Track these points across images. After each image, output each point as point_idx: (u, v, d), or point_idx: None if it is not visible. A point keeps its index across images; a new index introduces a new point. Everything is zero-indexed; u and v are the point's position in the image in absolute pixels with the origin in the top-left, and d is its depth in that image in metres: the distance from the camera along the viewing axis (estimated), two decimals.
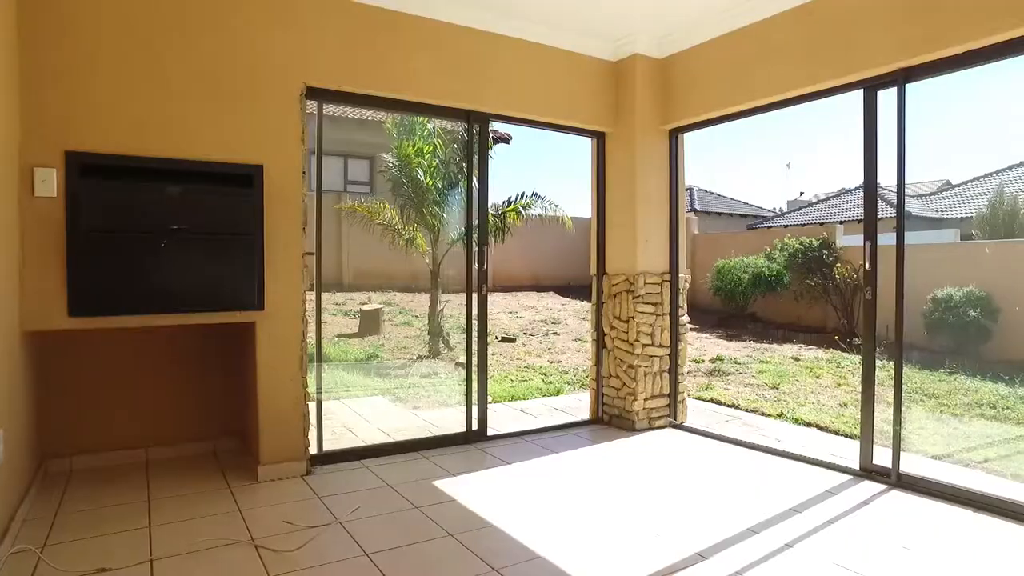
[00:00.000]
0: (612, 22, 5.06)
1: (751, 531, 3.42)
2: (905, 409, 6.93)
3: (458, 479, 4.23)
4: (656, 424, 5.54)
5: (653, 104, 5.49)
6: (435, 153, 10.25)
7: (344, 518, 3.53)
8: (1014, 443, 5.94)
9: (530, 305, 13.86)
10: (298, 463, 4.24)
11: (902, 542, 3.26)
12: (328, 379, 7.94)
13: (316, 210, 4.57)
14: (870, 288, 4.31)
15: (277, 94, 4.15)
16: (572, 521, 3.55)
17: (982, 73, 14.32)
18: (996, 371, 8.14)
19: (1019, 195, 14.30)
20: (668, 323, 5.57)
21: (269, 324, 4.12)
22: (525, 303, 14.04)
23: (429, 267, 10.46)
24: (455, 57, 4.80)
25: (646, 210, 5.48)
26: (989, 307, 9.51)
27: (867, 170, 4.30)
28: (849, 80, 4.27)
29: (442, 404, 6.98)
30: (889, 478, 4.13)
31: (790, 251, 12.56)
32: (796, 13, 4.47)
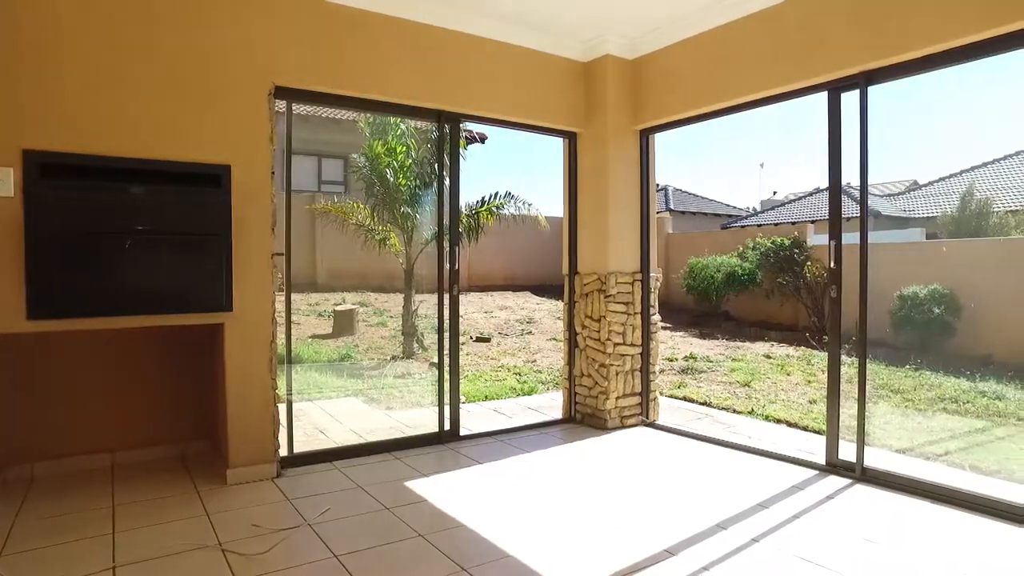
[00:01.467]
0: (583, 23, 5.09)
1: (719, 527, 3.46)
2: (872, 405, 7.12)
3: (430, 480, 4.23)
4: (628, 423, 5.58)
5: (624, 104, 5.53)
6: (408, 153, 10.20)
7: (314, 520, 3.51)
8: (973, 436, 6.09)
9: (505, 305, 13.87)
10: (268, 465, 4.20)
11: (864, 535, 3.33)
12: (301, 380, 7.87)
13: (286, 210, 4.52)
14: (835, 287, 4.38)
15: (245, 93, 4.11)
16: (543, 520, 3.57)
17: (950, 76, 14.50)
18: (958, 366, 8.35)
19: (986, 195, 14.67)
20: (639, 322, 5.62)
21: (238, 326, 4.07)
22: (500, 303, 14.05)
23: (403, 267, 10.42)
24: (426, 57, 4.79)
25: (617, 210, 5.52)
26: (953, 304, 9.74)
27: (832, 171, 4.38)
28: (814, 82, 4.34)
29: (415, 404, 6.96)
30: (854, 472, 4.21)
31: (762, 250, 12.73)
32: (763, 16, 4.54)
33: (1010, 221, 13.64)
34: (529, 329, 11.79)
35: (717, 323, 12.87)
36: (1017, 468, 4.96)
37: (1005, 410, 6.75)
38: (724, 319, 13.14)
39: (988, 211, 14.19)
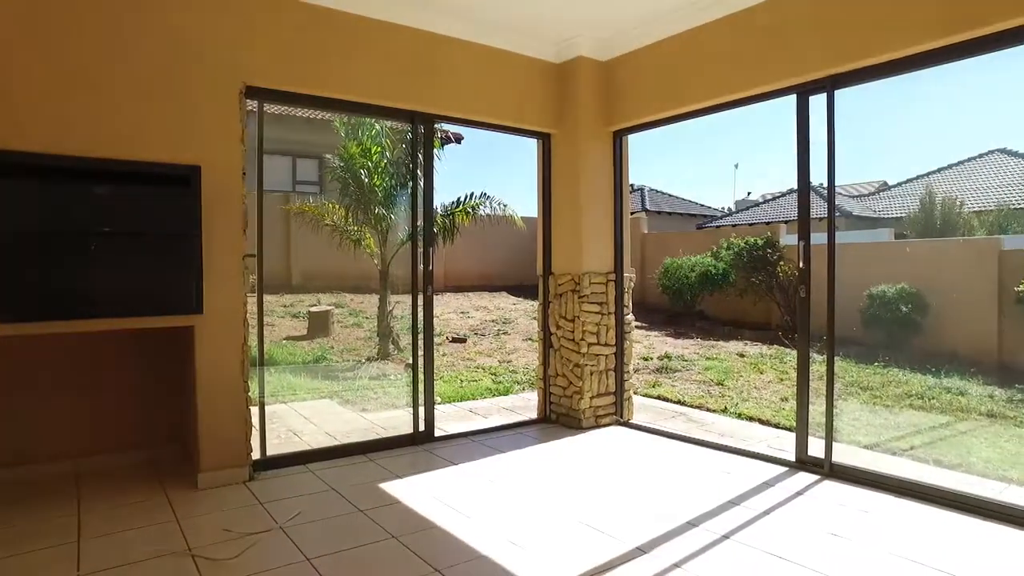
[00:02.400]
0: (556, 24, 5.11)
1: (691, 524, 3.50)
2: (842, 402, 7.25)
3: (404, 481, 4.22)
4: (603, 422, 5.62)
5: (597, 106, 5.57)
6: (383, 153, 10.15)
7: (286, 523, 3.48)
8: (937, 431, 6.25)
9: (481, 305, 13.87)
10: (240, 469, 4.15)
11: (830, 529, 3.39)
12: (275, 382, 7.80)
13: (257, 211, 4.48)
14: (804, 287, 4.46)
15: (215, 93, 4.06)
16: (517, 520, 3.58)
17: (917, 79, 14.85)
18: (925, 363, 8.54)
19: (949, 196, 15.00)
20: (613, 322, 5.66)
21: (209, 328, 4.02)
22: (476, 303, 14.04)
23: (378, 268, 10.36)
24: (400, 58, 4.78)
25: (591, 211, 5.55)
26: (919, 303, 9.95)
27: (800, 173, 4.45)
28: (782, 85, 4.42)
29: (391, 406, 6.93)
30: (823, 468, 4.29)
31: (736, 250, 12.87)
32: (732, 20, 4.60)
33: (973, 221, 13.97)
34: (505, 329, 11.80)
35: (692, 322, 12.99)
36: (977, 461, 5.09)
37: (967, 405, 6.93)
38: (699, 318, 13.26)
39: (953, 211, 14.51)
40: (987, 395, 7.28)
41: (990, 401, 7.05)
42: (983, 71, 26.92)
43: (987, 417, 6.59)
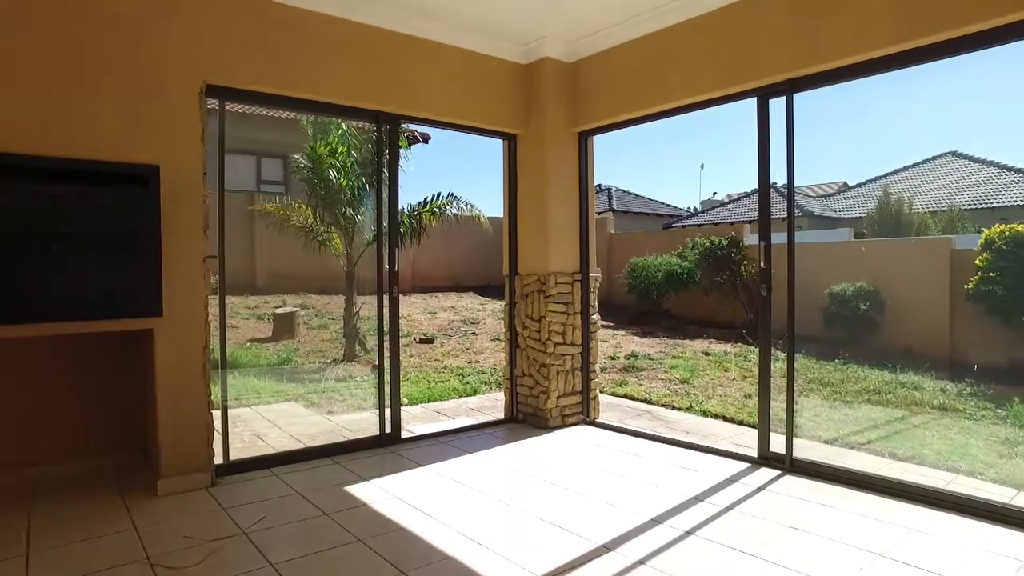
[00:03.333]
0: (522, 25, 5.13)
1: (655, 521, 3.55)
2: (803, 398, 7.41)
3: (370, 483, 4.19)
4: (569, 421, 5.66)
5: (563, 107, 5.60)
6: (350, 153, 10.06)
7: (249, 529, 3.43)
8: (893, 425, 6.44)
9: (449, 305, 13.83)
10: (202, 474, 4.08)
11: (790, 523, 3.47)
12: (238, 386, 7.67)
13: (219, 212, 4.41)
14: (765, 286, 4.55)
15: (174, 91, 3.98)
16: (483, 520, 3.59)
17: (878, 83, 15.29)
18: (882, 359, 8.77)
19: (907, 197, 15.43)
20: (579, 322, 5.70)
21: (169, 331, 3.94)
22: (444, 303, 14.00)
23: (344, 269, 10.26)
24: (365, 57, 4.74)
25: (557, 211, 5.58)
26: (877, 301, 10.23)
27: (761, 174, 4.54)
28: (743, 88, 4.50)
29: (357, 408, 6.87)
30: (784, 464, 4.38)
31: (701, 250, 13.06)
32: (695, 24, 4.67)
33: (928, 221, 14.40)
34: (472, 330, 11.79)
35: (658, 321, 13.14)
36: (929, 453, 5.26)
37: (921, 399, 7.15)
38: (665, 317, 13.43)
39: (908, 212, 14.93)
40: (939, 389, 7.52)
41: (942, 395, 7.29)
42: (937, 77, 27.81)
43: (939, 410, 6.82)
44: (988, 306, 8.92)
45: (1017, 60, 20.89)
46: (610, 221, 17.29)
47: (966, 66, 22.04)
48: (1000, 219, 10.29)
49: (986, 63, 24.54)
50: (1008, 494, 4.09)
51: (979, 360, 8.64)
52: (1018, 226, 8.80)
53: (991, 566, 2.98)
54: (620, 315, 13.76)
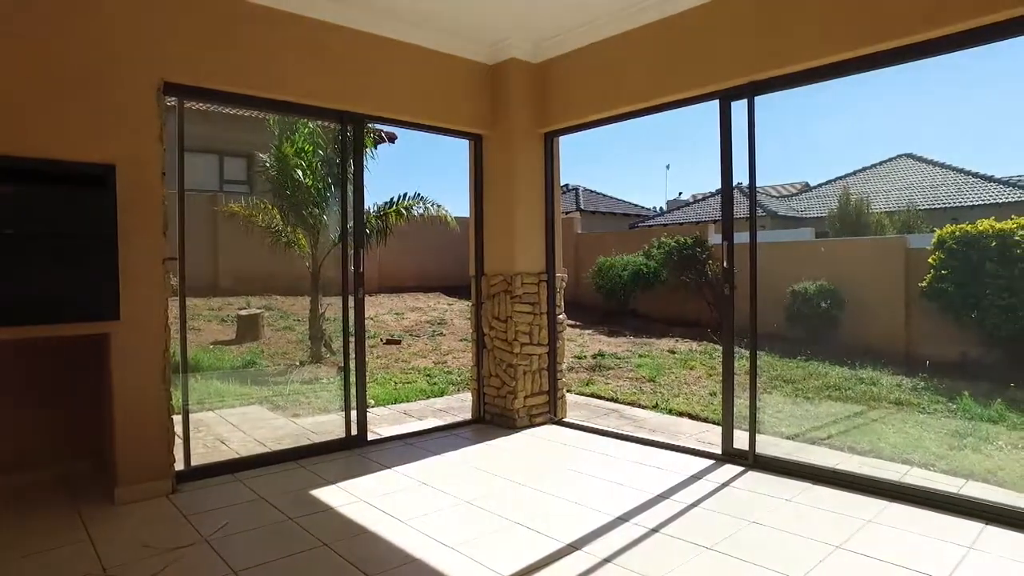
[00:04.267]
0: (487, 26, 5.13)
1: (621, 519, 3.58)
2: (766, 395, 7.55)
3: (336, 487, 4.14)
4: (537, 421, 5.68)
5: (529, 107, 5.61)
6: (316, 152, 9.93)
7: (211, 536, 3.37)
8: (852, 420, 6.61)
9: (416, 306, 13.75)
10: (162, 481, 3.98)
11: (753, 518, 3.54)
12: (201, 389, 7.51)
13: (178, 212, 4.31)
14: (728, 285, 4.62)
15: (131, 89, 3.88)
16: (450, 521, 3.58)
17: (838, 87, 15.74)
18: (842, 356, 8.99)
19: (862, 197, 15.83)
20: (546, 322, 5.72)
21: (126, 334, 3.84)
22: (411, 304, 13.91)
23: (310, 269, 10.13)
24: (329, 56, 4.69)
25: (523, 211, 5.60)
26: (837, 299, 10.48)
27: (724, 175, 4.62)
28: (706, 91, 4.57)
29: (323, 410, 6.80)
30: (747, 460, 4.46)
31: (666, 249, 13.21)
32: (659, 26, 4.72)
33: (884, 221, 14.80)
34: (440, 330, 11.74)
35: (625, 321, 13.26)
36: (886, 447, 5.42)
37: (879, 394, 7.36)
38: (632, 317, 13.55)
39: (868, 212, 15.33)
40: (895, 384, 7.75)
41: (898, 390, 7.51)
42: (893, 81, 28.61)
43: (895, 405, 7.02)
44: (940, 303, 9.21)
45: (965, 67, 21.62)
46: (577, 221, 17.38)
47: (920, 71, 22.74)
48: (951, 219, 10.62)
49: (938, 69, 25.34)
50: (957, 483, 4.24)
51: (932, 356, 8.91)
52: (967, 226, 9.10)
53: (939, 553, 3.09)
54: (587, 314, 13.84)
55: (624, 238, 16.54)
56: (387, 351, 10.17)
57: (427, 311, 13.34)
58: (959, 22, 3.40)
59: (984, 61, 26.79)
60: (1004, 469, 4.88)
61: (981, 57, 22.91)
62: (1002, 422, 6.19)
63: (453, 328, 11.93)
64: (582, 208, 22.53)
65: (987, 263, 8.67)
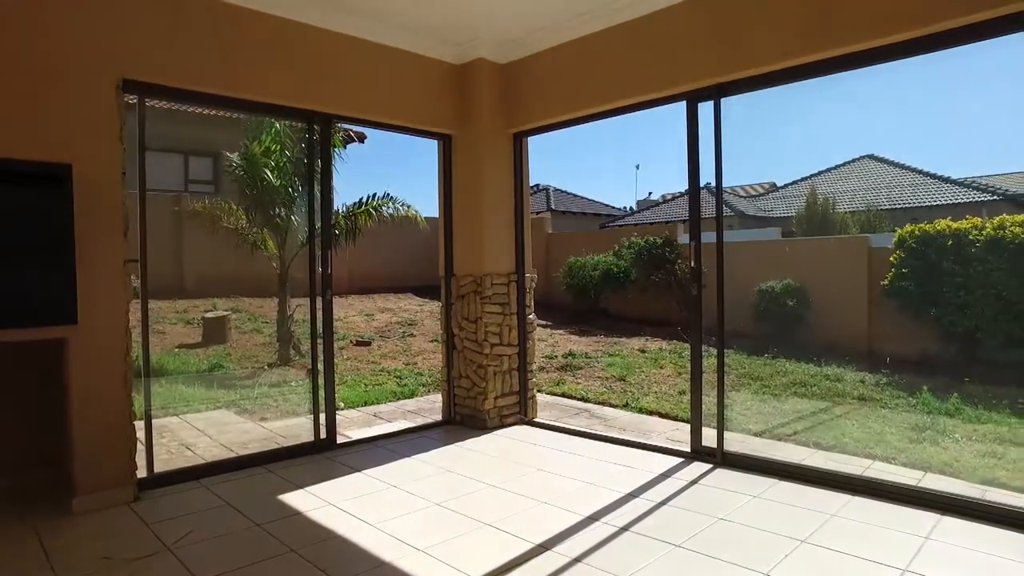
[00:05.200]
0: (455, 26, 5.11)
1: (591, 519, 3.60)
2: (734, 393, 7.66)
3: (304, 491, 4.09)
4: (507, 421, 5.68)
5: (497, 108, 5.61)
6: (283, 152, 9.80)
7: (174, 544, 3.30)
8: (817, 416, 6.74)
9: (387, 307, 13.65)
10: (123, 489, 3.88)
11: (721, 515, 3.58)
12: (165, 394, 7.36)
13: (140, 213, 4.21)
14: (696, 284, 4.68)
15: (88, 86, 3.78)
16: (420, 524, 3.56)
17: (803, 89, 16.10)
18: (808, 353, 9.17)
19: (827, 197, 16.16)
20: (516, 322, 5.73)
21: (85, 339, 3.74)
22: (382, 305, 13.81)
23: (277, 271, 9.99)
24: (296, 55, 4.62)
25: (492, 212, 5.59)
26: (803, 297, 10.68)
27: (691, 176, 4.66)
28: (674, 92, 4.62)
29: (291, 413, 6.71)
30: (715, 457, 4.52)
31: (636, 249, 13.32)
32: (627, 27, 4.75)
33: (848, 220, 15.12)
34: (411, 331, 11.68)
35: (595, 320, 13.33)
36: (850, 442, 5.53)
37: (843, 390, 7.52)
38: (602, 316, 13.63)
39: (832, 211, 15.64)
40: (859, 380, 7.92)
41: (861, 386, 7.68)
42: (856, 83, 29.26)
43: (858, 400, 7.18)
44: (901, 301, 9.45)
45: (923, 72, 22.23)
46: (548, 221, 17.43)
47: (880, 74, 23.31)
48: (911, 219, 10.90)
49: (899, 72, 25.99)
50: (917, 476, 4.36)
51: (893, 352, 9.14)
52: (926, 226, 9.35)
53: (898, 544, 3.18)
54: (558, 314, 13.89)
55: (594, 238, 16.63)
56: (357, 352, 10.08)
57: (398, 312, 13.25)
58: (914, 29, 3.50)
59: (940, 66, 27.57)
60: (959, 461, 5.03)
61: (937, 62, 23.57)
62: (958, 415, 6.38)
63: (424, 329, 11.87)
64: (553, 208, 22.60)
65: (944, 262, 8.92)
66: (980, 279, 8.55)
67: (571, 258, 14.20)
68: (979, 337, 8.58)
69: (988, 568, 2.95)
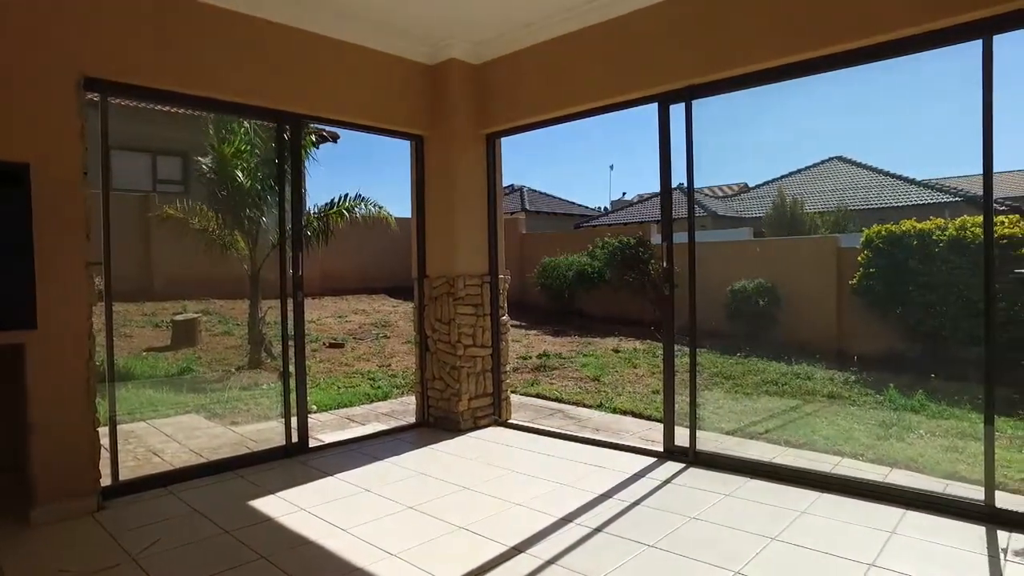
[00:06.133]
0: (428, 26, 5.07)
1: (565, 520, 3.60)
2: (707, 391, 7.73)
3: (275, 496, 4.03)
4: (481, 423, 5.66)
5: (470, 109, 5.58)
6: (254, 152, 9.65)
7: (139, 554, 3.22)
8: (788, 414, 6.84)
9: (360, 308, 13.53)
10: (86, 499, 3.78)
11: (693, 514, 3.61)
12: (132, 399, 7.20)
13: (103, 213, 4.10)
14: (668, 284, 4.70)
15: (48, 83, 3.67)
16: (393, 529, 3.52)
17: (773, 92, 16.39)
18: (779, 352, 9.29)
19: (797, 198, 16.42)
20: (489, 323, 5.71)
21: (45, 344, 3.64)
22: (355, 306, 13.68)
23: (248, 272, 9.84)
24: (266, 54, 4.55)
25: (465, 213, 5.57)
26: (774, 296, 10.82)
27: (663, 177, 4.69)
28: (646, 94, 4.64)
29: (263, 417, 6.60)
30: (688, 457, 4.55)
31: (610, 249, 13.38)
32: (600, 29, 4.76)
33: (817, 221, 15.39)
34: (384, 333, 11.58)
35: (570, 320, 13.36)
36: (819, 439, 5.62)
37: (813, 388, 7.64)
38: (577, 316, 13.67)
39: (802, 212, 15.91)
40: (828, 378, 8.05)
41: (830, 384, 7.81)
42: (824, 86, 29.81)
43: (828, 398, 7.30)
44: (869, 300, 9.63)
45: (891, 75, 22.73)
46: (522, 221, 17.44)
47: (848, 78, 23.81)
48: (879, 219, 11.11)
49: (867, 76, 26.50)
50: (883, 472, 4.44)
51: (861, 350, 9.31)
52: (892, 226, 9.54)
53: (865, 540, 3.23)
54: (532, 315, 13.90)
55: (569, 238, 16.67)
56: (330, 355, 9.97)
57: (371, 313, 13.14)
58: (882, 34, 3.56)
59: (905, 71, 28.21)
60: (924, 456, 5.14)
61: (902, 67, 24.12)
62: (923, 411, 6.53)
63: (397, 330, 11.79)
64: (527, 208, 22.62)
65: (909, 261, 9.11)
66: (943, 278, 8.75)
67: (545, 258, 14.23)
68: (943, 335, 8.77)
69: (949, 560, 3.02)
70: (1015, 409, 5.96)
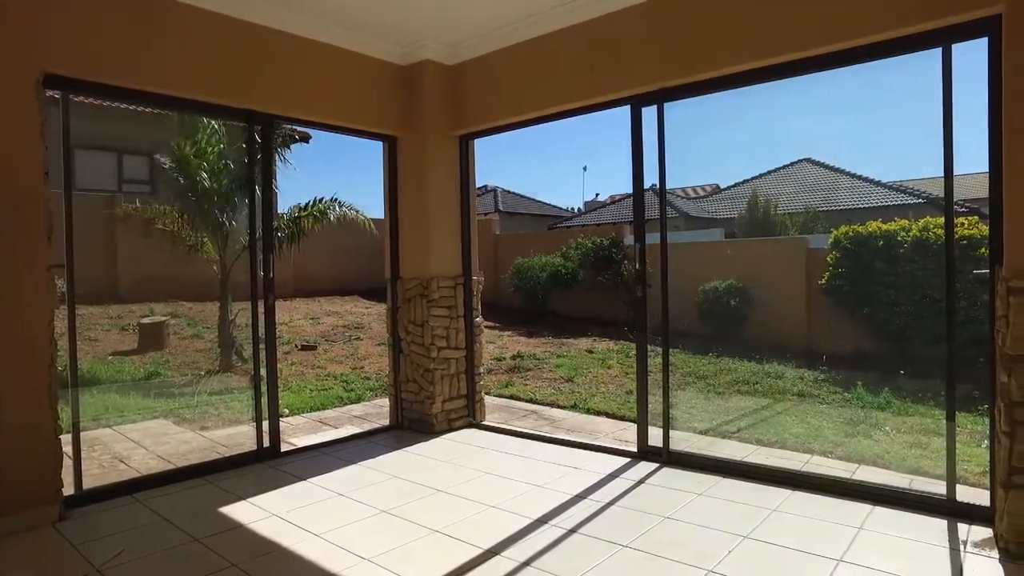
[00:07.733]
0: (402, 26, 5.04)
1: (540, 522, 3.60)
2: (680, 391, 7.81)
3: (246, 502, 3.96)
4: (456, 425, 5.64)
5: (444, 110, 5.56)
6: (222, 152, 9.49)
7: (104, 565, 3.14)
8: (759, 412, 6.93)
9: (333, 310, 13.39)
10: (47, 508, 3.67)
11: (667, 514, 3.64)
12: (97, 404, 7.03)
13: (65, 215, 3.99)
14: (641, 286, 4.74)
15: (4, 79, 3.55)
16: (367, 532, 3.49)
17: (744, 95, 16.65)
18: (750, 352, 9.41)
19: (767, 199, 16.67)
20: (463, 325, 5.69)
21: (3, 350, 3.52)
22: (328, 308, 13.54)
23: (218, 274, 9.68)
24: (235, 53, 4.47)
25: (438, 214, 5.54)
26: (745, 296, 10.97)
27: (635, 179, 4.72)
28: (618, 96, 4.67)
29: (233, 422, 6.50)
30: (662, 456, 4.58)
31: (583, 250, 13.45)
32: (574, 31, 4.77)
33: (787, 222, 15.64)
34: (357, 335, 11.49)
35: (544, 321, 13.39)
36: (790, 437, 5.71)
37: (783, 387, 7.76)
38: (551, 317, 13.70)
39: (773, 213, 16.16)
40: (799, 377, 8.19)
41: (801, 382, 7.94)
42: (793, 90, 30.33)
43: (798, 397, 7.42)
44: (837, 300, 9.82)
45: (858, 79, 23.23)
46: (496, 222, 17.43)
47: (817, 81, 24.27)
48: (846, 220, 11.33)
49: (834, 79, 27.05)
50: (851, 468, 4.54)
51: (830, 349, 9.48)
52: (859, 227, 9.74)
53: (834, 535, 3.30)
54: (506, 316, 13.90)
55: (542, 239, 16.71)
56: (302, 357, 9.86)
57: (344, 315, 13.02)
58: (849, 39, 3.64)
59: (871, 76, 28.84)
60: (890, 453, 5.25)
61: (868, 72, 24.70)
62: (889, 408, 6.67)
63: (371, 332, 11.70)
64: (501, 209, 22.63)
65: (876, 262, 9.31)
66: (908, 278, 8.96)
67: (519, 259, 14.24)
68: (908, 334, 8.98)
69: (913, 553, 3.09)
70: (975, 405, 6.12)
